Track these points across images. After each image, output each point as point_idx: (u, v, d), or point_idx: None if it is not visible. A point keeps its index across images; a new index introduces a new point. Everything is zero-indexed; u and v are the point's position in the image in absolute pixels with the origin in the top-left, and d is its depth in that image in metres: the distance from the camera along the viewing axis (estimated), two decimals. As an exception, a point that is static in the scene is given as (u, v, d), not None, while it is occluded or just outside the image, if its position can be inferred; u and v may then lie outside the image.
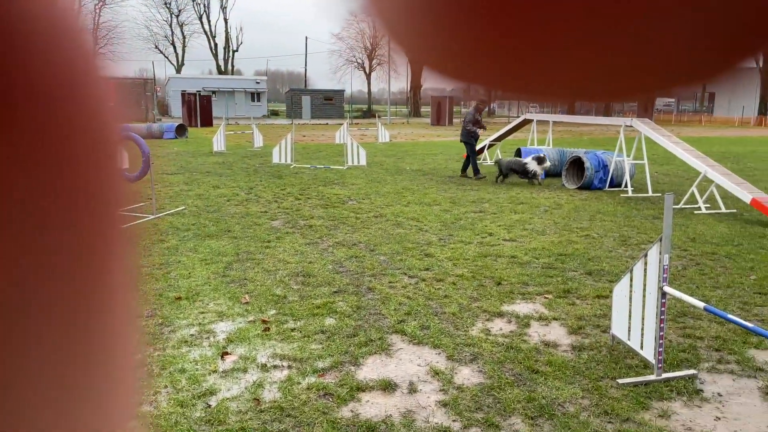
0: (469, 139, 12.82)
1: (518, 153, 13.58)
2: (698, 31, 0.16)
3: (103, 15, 59.15)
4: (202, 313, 4.50)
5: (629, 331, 3.73)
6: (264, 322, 4.32)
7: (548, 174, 13.10)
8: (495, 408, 3.15)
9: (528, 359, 3.73)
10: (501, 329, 4.26)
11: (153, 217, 8.12)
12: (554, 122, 15.58)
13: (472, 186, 11.70)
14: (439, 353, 3.83)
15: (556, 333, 4.20)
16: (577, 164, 11.95)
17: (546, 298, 4.95)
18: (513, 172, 12.07)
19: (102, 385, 0.20)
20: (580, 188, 11.33)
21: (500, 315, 4.53)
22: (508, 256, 6.27)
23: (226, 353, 3.77)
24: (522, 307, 4.71)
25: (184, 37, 65.22)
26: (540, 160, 11.78)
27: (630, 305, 3.72)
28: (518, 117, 18.12)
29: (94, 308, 0.19)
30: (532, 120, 15.90)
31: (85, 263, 0.19)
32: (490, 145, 16.57)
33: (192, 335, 4.07)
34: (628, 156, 11.25)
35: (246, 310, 4.58)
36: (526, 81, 0.19)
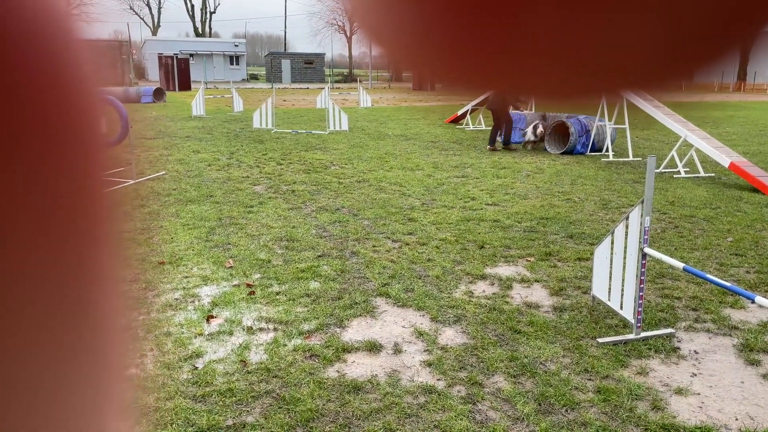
0: (505, 105, 11.80)
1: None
2: (676, 25, 0.16)
3: (74, -26, 57.13)
4: (186, 277, 4.49)
5: (609, 292, 3.80)
6: (249, 286, 4.32)
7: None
8: (478, 367, 3.21)
9: (510, 320, 3.79)
10: (484, 291, 4.31)
11: (133, 182, 8.01)
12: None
13: (455, 151, 11.68)
14: (423, 315, 3.87)
15: (538, 294, 4.27)
16: (559, 129, 11.98)
17: (528, 260, 5.01)
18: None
19: (94, 372, 0.20)
20: (563, 153, 11.38)
21: (483, 278, 4.59)
22: (491, 220, 6.31)
23: (212, 317, 3.77)
24: (504, 270, 4.77)
25: (159, -2, 63.34)
26: (536, 127, 11.78)
27: (611, 267, 3.78)
28: (501, 81, 18.02)
29: (85, 281, 0.19)
30: (515, 84, 15.82)
31: (72, 233, 0.18)
32: (473, 110, 16.52)
33: (177, 299, 4.06)
34: (610, 121, 11.30)
35: (230, 274, 4.58)
36: (506, 78, 0.18)
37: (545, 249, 5.30)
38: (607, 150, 11.21)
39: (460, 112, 17.17)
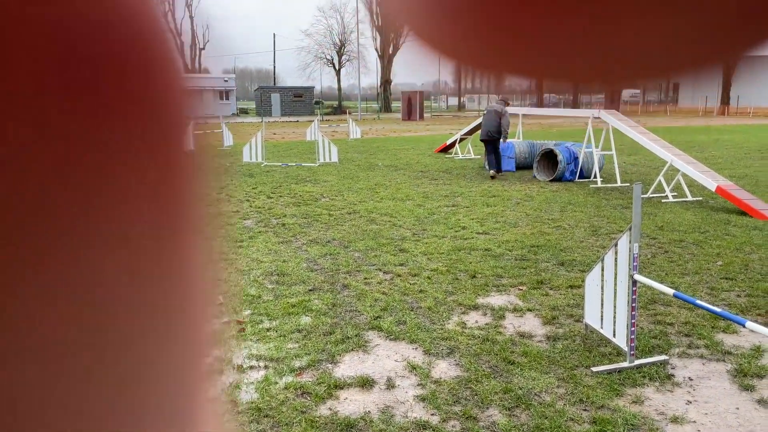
0: (497, 134, 11.88)
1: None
2: (707, 15, 0.16)
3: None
4: (176, 315, 4.44)
5: (602, 319, 3.79)
6: (239, 323, 4.27)
7: (519, 166, 13.23)
8: (473, 400, 3.17)
9: (504, 351, 3.76)
10: (477, 322, 4.29)
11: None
12: (524, 115, 15.73)
13: (445, 180, 11.75)
14: (416, 348, 3.84)
15: (531, 324, 4.25)
16: (548, 156, 12.09)
17: (520, 289, 5.00)
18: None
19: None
20: (552, 180, 11.46)
21: (475, 308, 4.57)
22: (482, 249, 6.31)
23: (201, 355, 3.72)
24: (497, 300, 4.75)
25: (149, 36, 64.08)
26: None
27: (602, 294, 3.78)
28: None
29: (182, 283, 0.19)
30: (502, 113, 16.03)
31: (173, 234, 0.18)
32: (461, 139, 16.67)
33: (165, 338, 4.01)
34: (597, 147, 11.43)
35: (220, 311, 4.52)
36: (549, 65, 0.18)
37: (537, 277, 5.29)
38: (595, 176, 11.31)
39: (449, 142, 17.33)
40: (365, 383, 3.37)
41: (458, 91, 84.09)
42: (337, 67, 67.49)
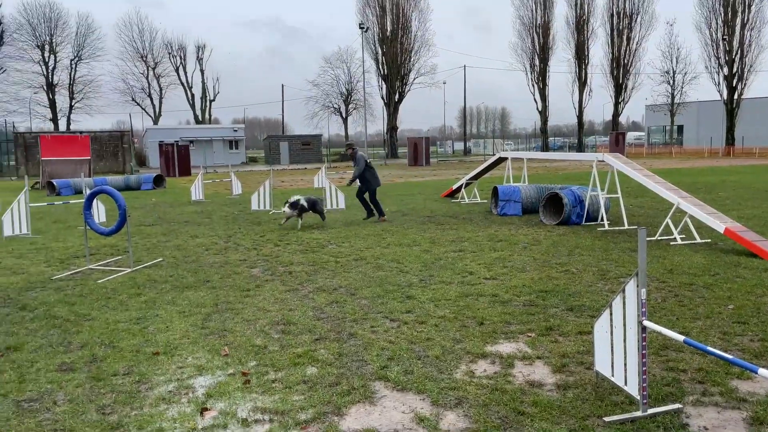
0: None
1: (495, 191, 13.72)
2: None
3: (79, 70, 59.39)
4: (181, 367, 4.40)
5: (612, 367, 3.72)
6: (244, 374, 4.23)
7: (526, 210, 13.24)
8: (482, 453, 3.09)
9: (513, 401, 3.69)
10: (485, 371, 4.22)
11: (130, 270, 7.99)
12: (528, 159, 15.83)
13: (451, 225, 11.76)
14: (424, 399, 3.77)
15: (541, 372, 4.18)
16: (553, 200, 12.11)
17: (529, 336, 4.93)
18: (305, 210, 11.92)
19: None
20: (559, 224, 11.44)
21: (484, 356, 4.50)
22: (490, 294, 6.27)
23: (206, 409, 3.67)
24: (505, 347, 4.69)
25: (161, 89, 65.55)
26: (292, 206, 11.71)
27: (611, 341, 3.72)
28: (493, 155, 18.39)
29: None
30: (507, 158, 16.15)
31: None
32: (467, 184, 16.75)
33: (170, 392, 3.96)
34: (603, 190, 11.44)
35: (226, 362, 4.49)
36: None
37: (546, 323, 5.23)
38: (602, 219, 11.29)
39: (455, 186, 17.41)
40: (372, 436, 3.29)
41: (464, 136, 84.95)
42: (344, 116, 68.52)
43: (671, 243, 9.12)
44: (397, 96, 61.75)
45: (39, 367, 4.47)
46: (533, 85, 64.77)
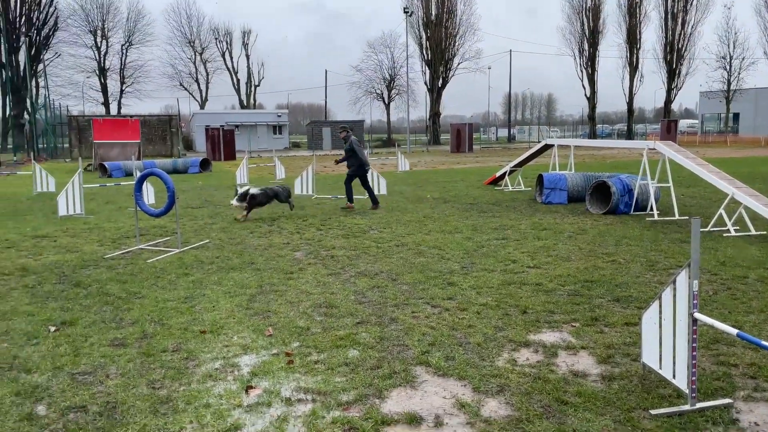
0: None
1: (540, 179, 13.50)
2: None
3: (130, 55, 60.99)
4: (227, 346, 4.51)
5: (660, 359, 3.63)
6: (288, 354, 4.30)
7: (572, 199, 12.98)
8: (524, 441, 3.07)
9: (556, 390, 3.64)
10: (528, 359, 4.18)
11: (178, 251, 8.21)
12: (575, 146, 15.50)
13: (494, 213, 11.64)
14: (465, 385, 3.76)
15: (585, 362, 4.11)
16: (600, 189, 11.83)
17: (573, 326, 4.85)
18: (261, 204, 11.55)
19: None
20: (606, 213, 11.19)
21: (527, 344, 4.46)
22: (533, 283, 6.19)
23: (251, 387, 3.75)
24: (549, 336, 4.63)
25: (207, 74, 66.75)
26: (242, 197, 11.20)
27: (660, 333, 3.63)
28: (538, 142, 18.07)
29: None
30: (553, 145, 15.85)
31: None
32: (511, 171, 16.53)
33: (217, 369, 4.07)
34: (653, 179, 11.11)
35: (270, 342, 4.57)
36: None
37: (591, 313, 5.14)
38: (651, 209, 10.97)
39: (498, 174, 17.20)
40: (413, 420, 3.32)
41: (508, 122, 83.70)
42: (386, 101, 68.37)
43: (724, 234, 8.80)
44: (440, 81, 61.20)
45: (92, 341, 4.65)
46: (581, 71, 63.31)
